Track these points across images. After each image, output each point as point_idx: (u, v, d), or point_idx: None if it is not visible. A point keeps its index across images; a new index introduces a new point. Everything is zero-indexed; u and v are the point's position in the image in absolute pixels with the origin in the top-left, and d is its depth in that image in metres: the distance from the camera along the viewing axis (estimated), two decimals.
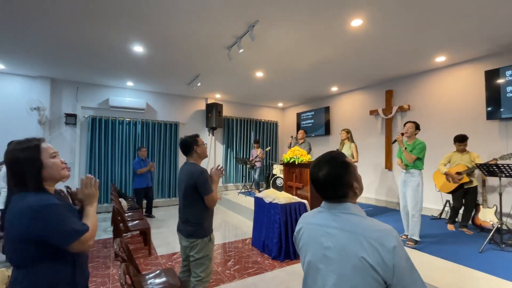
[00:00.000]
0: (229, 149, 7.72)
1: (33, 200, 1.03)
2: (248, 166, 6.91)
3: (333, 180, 0.90)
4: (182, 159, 6.85)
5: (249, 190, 6.84)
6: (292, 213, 3.48)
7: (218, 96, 7.16)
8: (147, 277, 2.12)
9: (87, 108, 5.84)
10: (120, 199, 5.02)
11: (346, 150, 4.59)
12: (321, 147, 6.96)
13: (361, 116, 6.14)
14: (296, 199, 3.67)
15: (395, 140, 3.47)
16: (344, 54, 4.09)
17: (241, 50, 3.53)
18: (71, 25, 3.18)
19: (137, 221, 3.89)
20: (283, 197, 3.58)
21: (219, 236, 4.32)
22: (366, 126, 6.03)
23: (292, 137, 5.99)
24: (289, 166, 4.18)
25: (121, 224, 3.59)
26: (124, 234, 3.82)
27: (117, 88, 6.15)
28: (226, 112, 7.57)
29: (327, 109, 6.91)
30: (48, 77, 5.38)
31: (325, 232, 0.89)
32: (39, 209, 1.02)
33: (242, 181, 7.77)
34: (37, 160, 1.10)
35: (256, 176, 6.94)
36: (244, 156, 7.82)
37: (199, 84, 5.43)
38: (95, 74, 5.22)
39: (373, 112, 5.78)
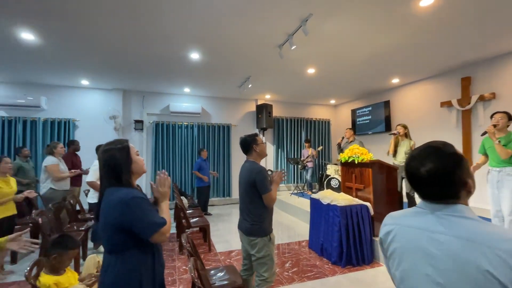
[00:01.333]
0: (279, 150, 7.66)
1: (124, 193, 1.16)
2: (299, 166, 6.75)
3: (441, 176, 0.75)
4: (235, 159, 7.06)
5: (302, 191, 6.67)
6: (354, 216, 3.23)
7: (268, 96, 7.18)
8: (211, 272, 2.19)
9: (152, 114, 6.47)
10: (181, 197, 5.40)
11: (405, 149, 4.08)
12: (380, 145, 6.37)
13: (430, 109, 5.42)
14: (357, 201, 3.40)
15: (485, 132, 2.93)
16: (410, 41, 3.65)
17: (293, 47, 3.44)
18: (138, 41, 3.53)
19: (197, 218, 4.11)
20: (342, 199, 3.36)
21: None
22: (436, 120, 5.29)
23: (342, 138, 5.66)
24: (348, 166, 3.91)
25: (183, 220, 3.84)
26: (186, 230, 4.07)
27: (176, 94, 6.66)
28: (276, 112, 7.54)
29: (386, 104, 6.31)
30: (121, 89, 6.12)
31: (428, 237, 0.75)
32: (128, 201, 1.14)
33: (294, 182, 7.62)
34: (128, 157, 1.24)
35: (308, 177, 6.73)
36: (295, 156, 7.67)
37: (250, 85, 5.52)
38: (158, 83, 5.73)
39: (445, 104, 5.04)
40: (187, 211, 4.57)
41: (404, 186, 4.04)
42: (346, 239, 3.18)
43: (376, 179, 3.48)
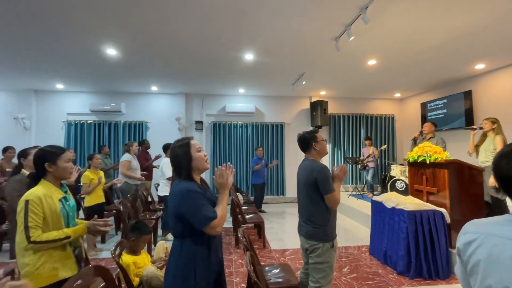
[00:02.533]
0: (336, 148, 7.30)
1: (183, 186, 1.28)
2: (359, 166, 6.30)
3: None
4: (289, 158, 7.02)
5: (361, 192, 6.21)
6: (425, 222, 2.85)
7: (323, 93, 6.91)
8: (266, 268, 2.21)
9: (210, 115, 6.90)
10: (236, 193, 5.63)
11: (487, 145, 3.40)
12: (458, 143, 5.47)
13: None
14: (428, 206, 3.00)
15: None
16: (502, 14, 3.03)
17: (351, 38, 3.22)
18: (198, 47, 3.80)
19: (252, 215, 4.21)
20: (410, 203, 3.00)
21: None
22: None
23: (420, 132, 4.91)
24: (417, 166, 3.48)
25: (239, 216, 3.98)
26: (241, 226, 4.22)
27: (232, 95, 6.96)
28: (332, 109, 7.20)
29: (467, 94, 5.38)
30: (183, 92, 6.71)
31: None
32: (184, 194, 1.25)
33: (352, 183, 7.16)
34: (187, 154, 1.34)
35: (369, 178, 6.23)
36: (354, 155, 7.19)
37: (303, 83, 5.39)
38: (215, 86, 6.08)
39: None
40: (242, 207, 4.73)
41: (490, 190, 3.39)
42: (415, 248, 2.83)
43: (454, 182, 3.00)
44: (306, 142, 1.99)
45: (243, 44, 3.78)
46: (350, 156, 7.19)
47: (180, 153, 1.34)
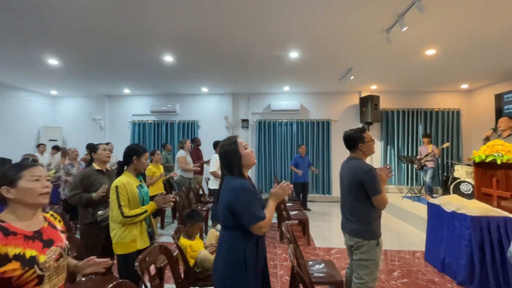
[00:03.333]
0: (389, 146, 6.81)
1: (238, 182, 1.38)
2: (415, 166, 5.78)
3: None
4: (336, 156, 6.82)
5: (418, 195, 5.70)
6: (493, 230, 2.53)
7: (373, 87, 6.51)
8: (309, 263, 2.26)
9: (255, 113, 7.11)
10: None
11: None
12: None
13: None
14: (498, 212, 2.65)
15: None
16: None
17: (404, 29, 3.00)
18: (244, 47, 3.98)
19: (296, 211, 4.26)
20: (474, 207, 2.69)
21: None
22: None
23: (494, 129, 4.23)
24: (486, 167, 3.08)
25: (283, 212, 4.07)
26: (286, 221, 4.30)
27: (276, 93, 7.05)
28: (384, 104, 6.72)
29: None
30: (231, 92, 7.04)
31: None
32: (239, 190, 1.34)
33: (407, 184, 6.61)
34: (236, 152, 1.44)
35: (427, 179, 5.68)
36: (409, 154, 6.61)
37: (352, 77, 5.18)
38: (260, 84, 6.24)
39: None
40: (287, 204, 4.80)
41: None
42: (481, 257, 2.53)
43: None
44: (352, 141, 1.95)
45: (289, 42, 3.82)
46: (405, 155, 6.63)
47: (229, 152, 1.44)
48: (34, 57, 4.36)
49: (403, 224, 4.81)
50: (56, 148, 5.73)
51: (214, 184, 4.29)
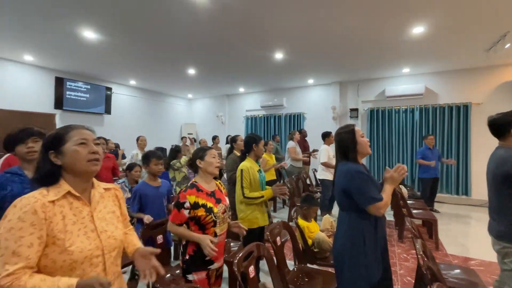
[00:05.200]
0: None
1: (353, 166, 1.46)
2: None
3: None
4: (476, 148, 5.43)
5: None
6: None
7: None
8: (441, 266, 1.99)
9: (366, 101, 6.56)
10: (400, 186, 5.08)
11: None
12: None
13: None
14: None
15: None
16: None
17: None
18: (359, 30, 3.75)
19: (420, 211, 3.73)
20: None
21: None
22: None
23: None
24: None
25: (403, 209, 3.65)
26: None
27: (392, 77, 6.24)
28: None
29: None
30: (337, 81, 6.78)
31: None
32: (353, 173, 1.42)
33: None
34: (353, 139, 1.51)
35: None
36: None
37: (507, 46, 3.95)
38: (372, 70, 5.70)
39: None
40: (408, 202, 4.25)
41: None
42: None
43: None
44: (500, 127, 1.63)
45: (416, 12, 3.29)
46: None
47: (346, 138, 1.52)
48: (178, 69, 5.65)
49: None
50: (193, 140, 7.26)
51: (322, 174, 4.34)
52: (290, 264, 2.05)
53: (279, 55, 4.72)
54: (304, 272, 1.96)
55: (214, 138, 6.47)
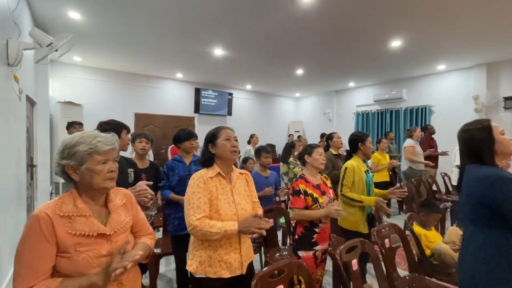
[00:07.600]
0: None
1: (492, 171, 1.15)
2: None
3: None
4: None
5: None
6: None
7: None
8: None
9: None
10: None
11: None
12: None
13: None
14: None
15: None
16: None
17: None
18: None
19: None
20: None
21: None
22: None
23: None
24: None
25: None
26: None
27: None
28: None
29: None
30: (484, 63, 5.28)
31: None
32: (493, 181, 1.12)
33: None
34: (489, 137, 1.21)
35: None
36: None
37: None
38: None
39: None
40: None
41: None
42: None
43: None
44: None
45: None
46: None
47: (478, 135, 1.23)
48: (287, 70, 5.99)
49: None
50: (298, 137, 7.51)
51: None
52: (402, 273, 1.87)
53: (396, 43, 4.20)
54: (420, 284, 1.75)
55: (322, 136, 6.45)
